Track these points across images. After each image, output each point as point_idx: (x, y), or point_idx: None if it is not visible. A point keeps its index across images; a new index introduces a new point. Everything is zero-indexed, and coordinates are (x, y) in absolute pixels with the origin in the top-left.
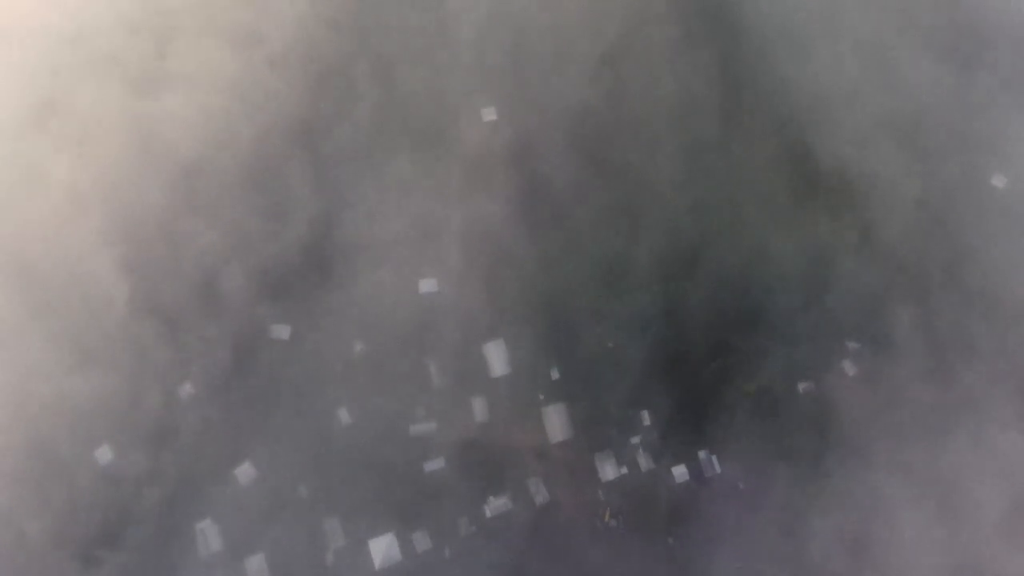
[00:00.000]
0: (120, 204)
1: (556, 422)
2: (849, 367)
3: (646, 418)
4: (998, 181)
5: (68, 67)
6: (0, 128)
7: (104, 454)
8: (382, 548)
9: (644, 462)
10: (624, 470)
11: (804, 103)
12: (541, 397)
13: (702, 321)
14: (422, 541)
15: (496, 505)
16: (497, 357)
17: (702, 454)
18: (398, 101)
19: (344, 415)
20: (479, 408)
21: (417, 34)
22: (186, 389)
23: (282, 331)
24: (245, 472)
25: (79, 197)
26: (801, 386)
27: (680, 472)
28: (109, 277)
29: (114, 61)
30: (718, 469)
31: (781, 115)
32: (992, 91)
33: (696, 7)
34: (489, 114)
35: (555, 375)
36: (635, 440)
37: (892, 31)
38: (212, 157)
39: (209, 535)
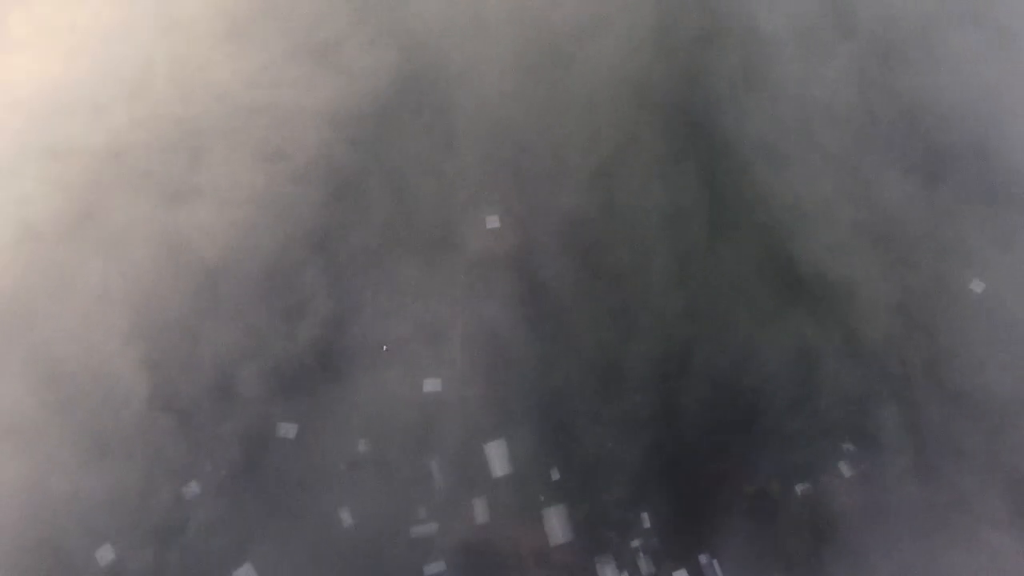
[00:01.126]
0: (146, 307)
1: (556, 524)
2: (845, 468)
3: (646, 520)
4: (976, 287)
5: (107, 181)
6: (40, 236)
7: (106, 554)
8: None
9: (645, 566)
10: (625, 574)
11: (784, 213)
12: (541, 498)
13: (698, 423)
14: None
15: None
16: (498, 457)
17: (703, 558)
18: (408, 211)
19: (346, 516)
20: (480, 509)
21: (427, 150)
22: (191, 488)
23: (289, 430)
24: (246, 574)
25: (108, 300)
26: (799, 488)
27: None
28: (131, 376)
29: (149, 176)
30: (720, 574)
31: (763, 224)
32: (958, 201)
33: (683, 125)
34: (492, 222)
35: (555, 475)
36: (635, 543)
37: (860, 147)
38: (235, 263)
39: None
